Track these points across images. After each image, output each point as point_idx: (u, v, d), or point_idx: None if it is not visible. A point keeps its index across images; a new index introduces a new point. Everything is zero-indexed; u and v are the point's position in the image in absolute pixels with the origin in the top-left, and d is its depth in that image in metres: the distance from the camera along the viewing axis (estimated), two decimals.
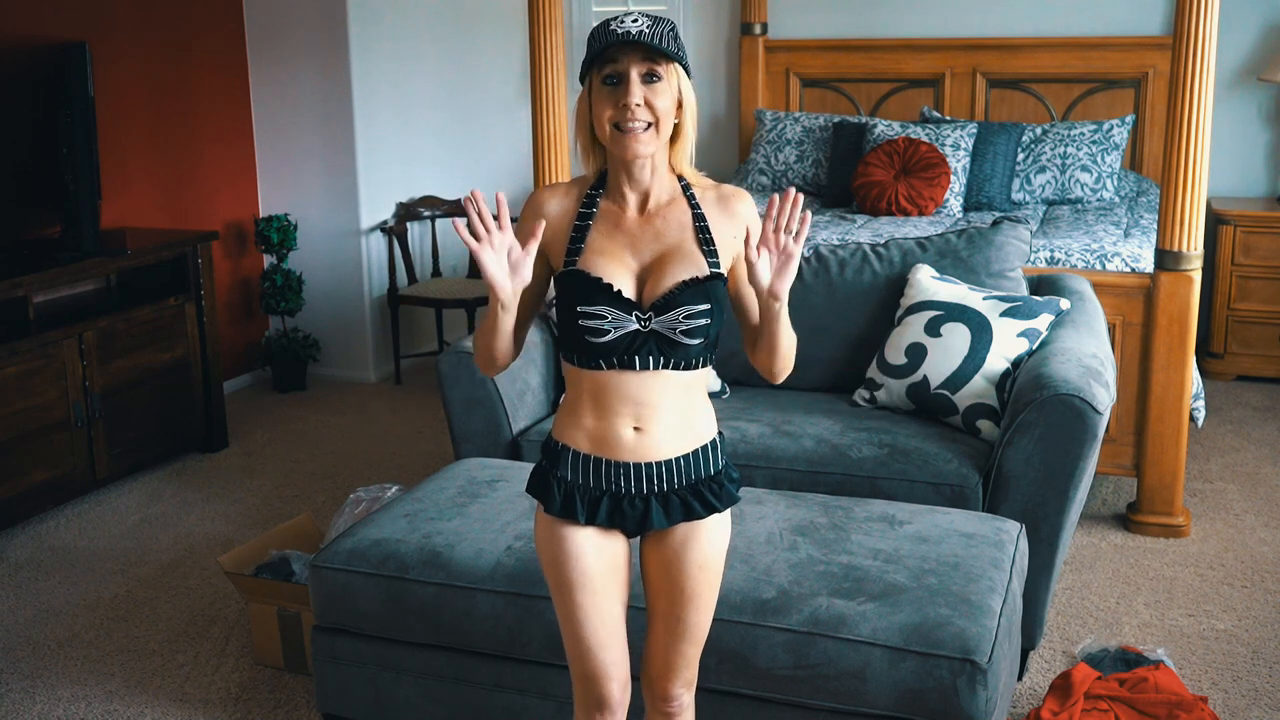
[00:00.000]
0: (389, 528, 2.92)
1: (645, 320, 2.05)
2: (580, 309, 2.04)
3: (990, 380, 3.41)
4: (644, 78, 2.02)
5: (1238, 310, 5.48)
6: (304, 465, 4.83)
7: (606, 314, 2.03)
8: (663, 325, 2.04)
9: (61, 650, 3.48)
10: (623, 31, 2.00)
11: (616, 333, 2.04)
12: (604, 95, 2.05)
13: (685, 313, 2.04)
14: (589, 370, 2.08)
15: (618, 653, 2.17)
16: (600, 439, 2.09)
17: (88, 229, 4.45)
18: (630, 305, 2.05)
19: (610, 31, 2.02)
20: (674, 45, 2.03)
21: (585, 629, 2.14)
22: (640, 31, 2.00)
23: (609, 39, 2.02)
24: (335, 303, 5.85)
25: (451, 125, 6.27)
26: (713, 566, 2.16)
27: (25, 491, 4.19)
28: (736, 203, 2.16)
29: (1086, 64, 5.77)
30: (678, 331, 2.05)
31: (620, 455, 2.09)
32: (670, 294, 2.04)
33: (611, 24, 2.03)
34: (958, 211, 5.34)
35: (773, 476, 3.33)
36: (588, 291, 2.04)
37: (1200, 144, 3.80)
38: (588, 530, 2.12)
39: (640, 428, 2.09)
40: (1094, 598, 3.64)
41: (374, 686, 2.88)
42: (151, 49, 5.23)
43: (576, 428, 2.11)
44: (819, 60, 6.23)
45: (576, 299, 2.05)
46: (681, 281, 2.05)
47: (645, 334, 2.05)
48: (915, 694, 2.42)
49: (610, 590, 2.14)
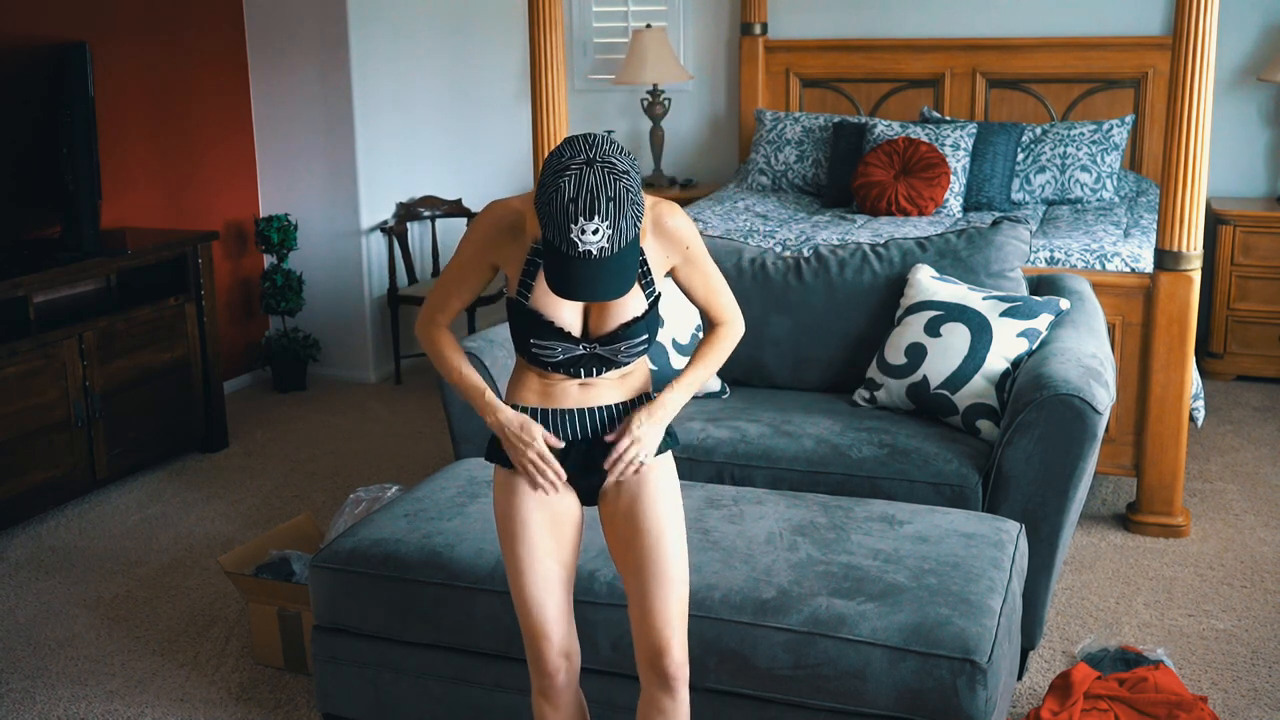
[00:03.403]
0: (389, 528, 2.92)
1: (590, 348, 2.21)
2: (533, 341, 2.21)
3: (990, 380, 3.41)
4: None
5: (1237, 310, 5.48)
6: (304, 465, 4.84)
7: (556, 346, 2.21)
8: (607, 352, 2.23)
9: (61, 650, 3.49)
10: (583, 251, 1.97)
11: (564, 356, 2.22)
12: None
13: (627, 345, 2.23)
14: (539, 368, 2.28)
15: (553, 610, 2.29)
16: (547, 394, 2.29)
17: (88, 229, 4.45)
18: (577, 340, 2.20)
19: (576, 249, 1.97)
20: (635, 220, 2.01)
21: (522, 580, 2.29)
22: (602, 249, 1.97)
23: (575, 260, 1.99)
24: (335, 303, 5.85)
25: (451, 125, 6.27)
26: (670, 502, 2.30)
27: (25, 491, 4.19)
28: (669, 222, 2.24)
29: (1086, 64, 5.77)
30: (620, 356, 2.24)
31: (566, 404, 2.28)
32: (614, 332, 2.21)
33: (571, 231, 1.96)
34: (958, 211, 5.34)
35: (773, 476, 3.33)
36: (539, 328, 2.19)
37: (1200, 144, 3.80)
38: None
39: (585, 384, 2.28)
40: (1094, 598, 3.64)
41: (374, 686, 2.88)
42: (151, 49, 5.23)
43: (525, 389, 2.30)
44: (819, 60, 6.23)
45: (529, 331, 2.21)
46: (623, 323, 2.20)
47: (590, 354, 2.23)
48: (915, 694, 2.42)
49: (547, 545, 2.29)
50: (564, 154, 1.98)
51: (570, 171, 1.96)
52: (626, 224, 1.99)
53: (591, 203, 1.95)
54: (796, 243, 4.74)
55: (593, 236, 1.96)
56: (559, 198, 1.96)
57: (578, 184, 1.95)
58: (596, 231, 1.96)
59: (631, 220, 1.99)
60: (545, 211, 1.99)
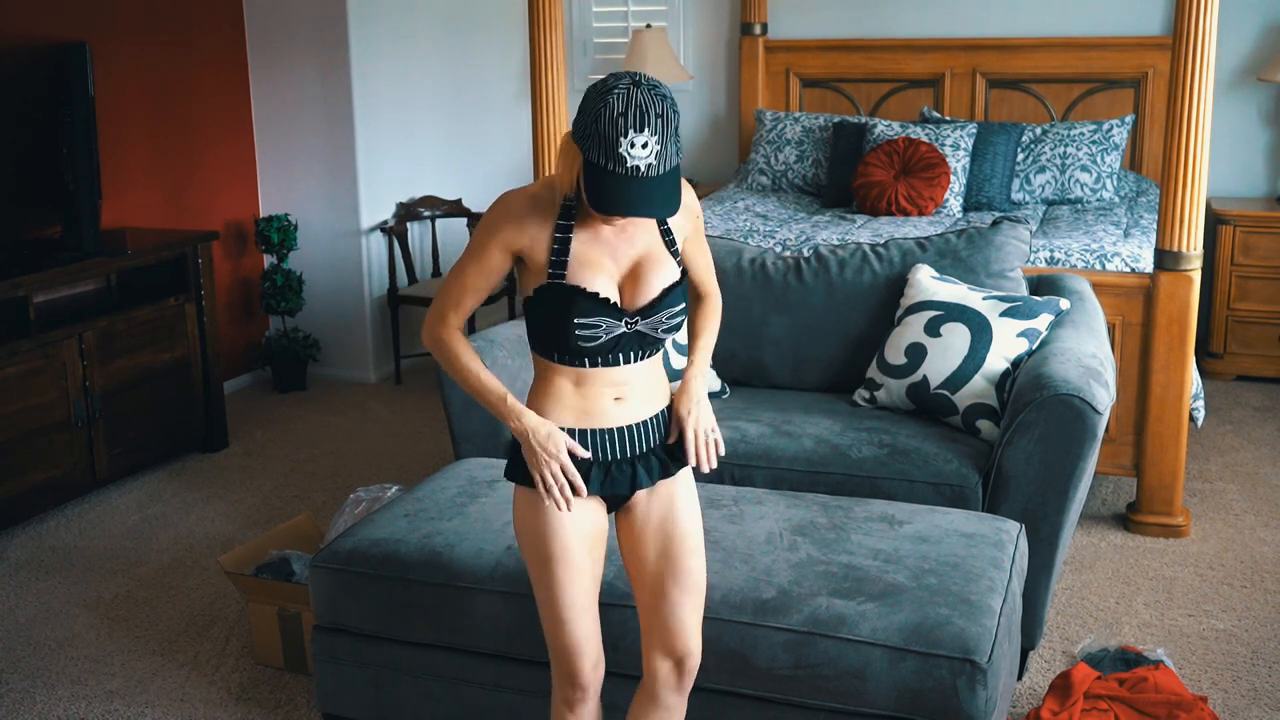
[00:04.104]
0: (389, 528, 2.92)
1: (632, 323, 2.14)
2: (576, 320, 2.10)
3: (990, 380, 3.41)
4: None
5: (1237, 310, 5.48)
6: (304, 465, 4.84)
7: (600, 323, 2.11)
8: (648, 326, 2.16)
9: (61, 650, 3.49)
10: (632, 167, 1.95)
11: (606, 337, 2.13)
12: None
13: (668, 314, 2.17)
14: (571, 367, 2.17)
15: (590, 626, 2.26)
16: (585, 413, 2.19)
17: (88, 229, 4.45)
18: (620, 312, 2.13)
19: (625, 166, 1.95)
20: (677, 149, 2.00)
21: (563, 601, 2.22)
22: (650, 165, 1.96)
23: (624, 178, 1.96)
24: (335, 303, 5.85)
25: (451, 125, 6.27)
26: (697, 514, 2.31)
27: (25, 491, 4.19)
28: (685, 195, 2.22)
29: (1086, 64, 5.77)
30: (660, 331, 2.18)
31: (605, 424, 2.20)
32: (656, 300, 2.15)
33: (620, 146, 1.94)
34: (957, 211, 5.34)
35: (773, 476, 3.33)
36: (581, 303, 2.11)
37: (1200, 144, 3.80)
38: (580, 504, 2.21)
39: (620, 398, 2.20)
40: (1094, 598, 3.64)
41: (374, 686, 2.88)
42: (151, 49, 5.23)
43: (561, 407, 2.20)
44: (819, 60, 6.23)
45: (572, 311, 2.11)
46: (664, 289, 2.16)
47: (630, 334, 2.15)
48: (915, 694, 2.42)
49: (586, 565, 2.23)
50: (607, 80, 1.98)
51: (618, 90, 1.95)
52: (672, 146, 1.97)
53: (641, 116, 1.93)
54: (796, 243, 4.74)
55: (642, 151, 1.94)
56: (607, 113, 1.93)
57: (626, 100, 1.94)
58: (646, 146, 1.94)
59: (675, 144, 1.98)
60: (592, 131, 1.95)
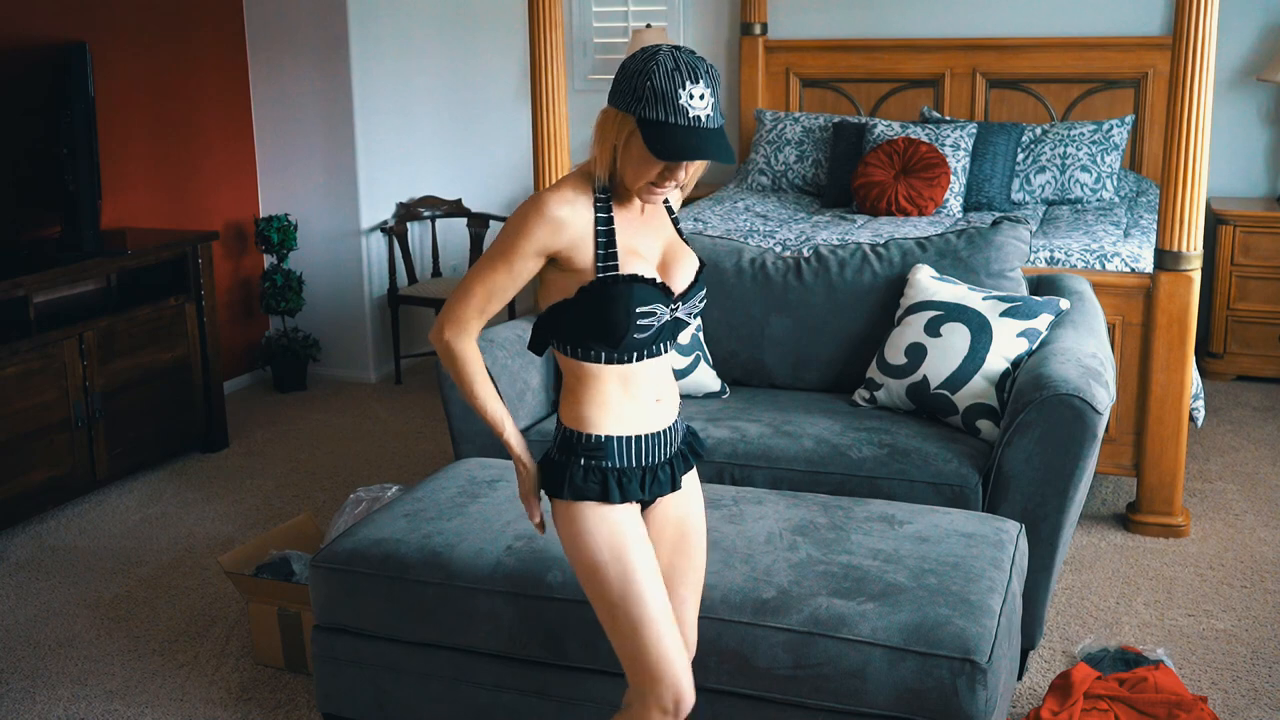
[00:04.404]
0: (389, 528, 2.92)
1: (674, 309, 2.15)
2: (639, 309, 2.07)
3: (990, 380, 3.41)
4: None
5: (1237, 310, 5.49)
6: (304, 465, 4.84)
7: (657, 309, 2.10)
8: (684, 311, 2.17)
9: (61, 650, 3.49)
10: (693, 117, 1.95)
11: (659, 324, 2.12)
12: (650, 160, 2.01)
13: (699, 296, 2.19)
14: (617, 365, 2.13)
15: (680, 639, 2.21)
16: (637, 419, 2.17)
17: (88, 229, 4.45)
18: (670, 298, 2.14)
19: (686, 116, 1.94)
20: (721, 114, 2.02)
21: (653, 615, 2.14)
22: (709, 116, 1.96)
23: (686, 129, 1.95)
24: (335, 303, 5.86)
25: (451, 125, 6.27)
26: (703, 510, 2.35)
27: (25, 491, 4.19)
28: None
29: (1086, 64, 5.77)
30: (692, 315, 2.18)
31: (652, 428, 2.19)
32: (693, 284, 2.17)
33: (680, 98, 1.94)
34: (957, 211, 5.34)
35: (773, 476, 3.33)
36: (640, 291, 2.08)
37: (1200, 144, 3.80)
38: (634, 513, 2.19)
39: (659, 399, 2.20)
40: (1094, 598, 3.64)
41: (374, 686, 2.88)
42: (151, 49, 5.23)
43: (614, 416, 2.15)
44: (819, 60, 6.23)
45: (633, 300, 2.07)
46: (697, 271, 2.19)
47: (669, 322, 2.15)
48: (915, 694, 2.42)
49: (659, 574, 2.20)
50: (644, 49, 1.99)
51: (661, 53, 1.96)
52: (719, 100, 1.99)
53: (692, 70, 1.95)
54: (796, 243, 4.74)
55: (699, 102, 1.94)
56: (661, 70, 1.94)
57: (674, 59, 1.95)
58: (703, 97, 1.95)
59: (720, 101, 2.00)
60: (646, 92, 1.94)
